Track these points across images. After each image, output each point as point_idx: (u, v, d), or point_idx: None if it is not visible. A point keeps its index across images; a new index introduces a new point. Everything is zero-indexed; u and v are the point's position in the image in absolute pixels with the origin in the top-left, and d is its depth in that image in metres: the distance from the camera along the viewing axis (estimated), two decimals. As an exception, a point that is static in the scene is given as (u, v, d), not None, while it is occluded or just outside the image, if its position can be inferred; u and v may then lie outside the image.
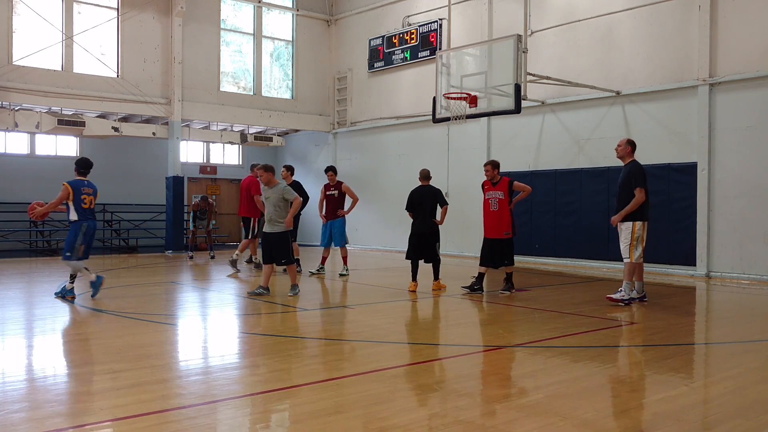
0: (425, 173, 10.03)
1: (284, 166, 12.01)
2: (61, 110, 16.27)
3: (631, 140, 8.81)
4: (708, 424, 3.99)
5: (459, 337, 6.75)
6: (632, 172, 8.48)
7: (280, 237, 8.97)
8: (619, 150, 8.75)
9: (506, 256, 9.60)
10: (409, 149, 18.24)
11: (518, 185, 9.63)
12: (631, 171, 8.50)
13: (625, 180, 8.52)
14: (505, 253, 9.59)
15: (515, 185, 9.56)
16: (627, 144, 8.70)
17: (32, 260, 15.19)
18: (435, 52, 15.39)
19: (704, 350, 6.42)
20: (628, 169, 8.56)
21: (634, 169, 8.52)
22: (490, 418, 4.06)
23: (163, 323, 7.22)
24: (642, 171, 8.53)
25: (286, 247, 9.03)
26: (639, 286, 8.74)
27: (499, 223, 9.47)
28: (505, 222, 9.48)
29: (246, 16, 19.47)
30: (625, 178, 8.53)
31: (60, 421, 3.86)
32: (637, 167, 8.54)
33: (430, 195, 9.83)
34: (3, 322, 7.22)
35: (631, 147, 8.70)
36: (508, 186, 9.49)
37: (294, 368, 5.22)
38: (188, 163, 20.64)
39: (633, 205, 8.34)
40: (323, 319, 8.03)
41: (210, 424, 3.91)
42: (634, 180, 8.41)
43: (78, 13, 16.19)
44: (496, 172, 9.61)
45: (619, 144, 8.79)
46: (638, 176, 8.43)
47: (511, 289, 9.66)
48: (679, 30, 12.70)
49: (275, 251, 9.04)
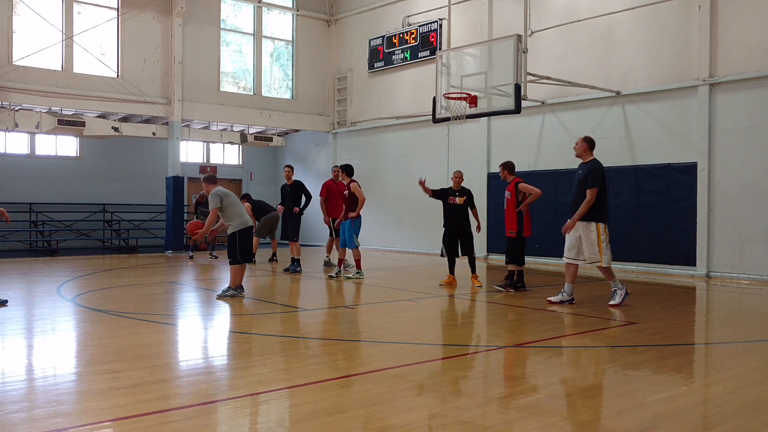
0: (460, 174, 10.67)
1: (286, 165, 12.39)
2: (61, 110, 16.27)
3: (588, 138, 8.54)
4: (708, 424, 3.99)
5: (459, 337, 6.75)
6: (591, 171, 8.19)
7: (229, 237, 8.97)
8: (576, 148, 8.51)
9: (507, 254, 9.92)
10: (409, 149, 18.24)
11: (524, 187, 9.68)
12: (591, 170, 8.20)
13: (582, 179, 8.24)
14: (507, 251, 9.91)
15: (520, 186, 9.68)
16: (584, 142, 8.43)
17: (32, 260, 15.18)
18: (435, 52, 15.38)
19: (704, 350, 6.42)
20: (587, 168, 8.26)
21: (593, 168, 8.22)
22: (490, 418, 4.06)
23: (163, 323, 7.22)
24: (601, 171, 8.23)
25: (233, 247, 8.90)
26: (569, 288, 8.52)
27: (507, 221, 9.83)
28: (510, 221, 9.72)
29: (246, 16, 19.47)
30: (582, 178, 8.24)
31: (60, 421, 3.86)
32: (596, 167, 8.25)
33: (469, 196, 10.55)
34: (3, 322, 7.22)
35: (588, 145, 8.42)
36: (514, 187, 9.71)
37: (294, 368, 5.22)
38: (188, 163, 20.64)
39: (584, 207, 8.08)
40: (323, 319, 8.03)
41: (210, 424, 3.91)
42: (590, 180, 8.12)
43: (78, 13, 16.19)
44: (507, 173, 9.89)
45: (576, 142, 8.55)
46: (595, 176, 8.14)
47: (507, 288, 9.70)
48: (679, 30, 12.70)
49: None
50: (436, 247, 11.45)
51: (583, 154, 8.44)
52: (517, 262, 9.80)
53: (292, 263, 12.39)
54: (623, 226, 13.40)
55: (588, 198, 8.07)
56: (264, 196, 23.01)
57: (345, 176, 11.64)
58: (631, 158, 13.38)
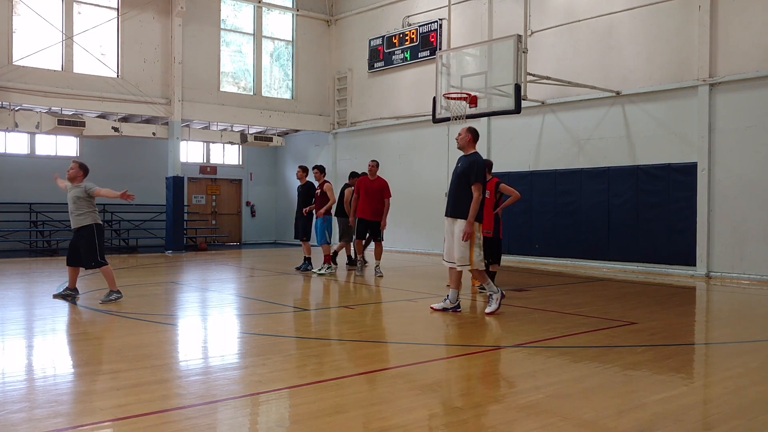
0: None
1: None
2: (61, 110, 16.28)
3: (473, 128, 7.79)
4: (708, 424, 3.99)
5: (459, 337, 6.75)
6: (472, 164, 7.51)
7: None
8: (459, 139, 7.74)
9: (490, 255, 9.58)
10: (409, 149, 18.24)
11: (505, 188, 9.55)
12: (472, 163, 7.52)
13: (461, 173, 7.55)
14: (489, 252, 9.54)
15: (501, 187, 9.53)
16: (468, 132, 7.70)
17: (32, 260, 15.18)
18: (435, 52, 15.38)
19: (704, 350, 6.42)
20: (468, 161, 7.56)
21: (475, 162, 7.53)
22: (490, 418, 4.06)
23: (163, 323, 7.22)
24: (483, 165, 7.59)
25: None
26: (453, 294, 7.82)
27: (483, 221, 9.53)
28: (488, 220, 9.41)
29: (246, 16, 19.47)
30: (461, 171, 7.57)
31: (60, 421, 3.86)
32: (478, 160, 7.56)
33: None
34: (3, 322, 7.22)
35: (473, 136, 7.70)
36: (494, 187, 9.51)
37: (294, 368, 5.22)
38: (188, 163, 20.65)
39: (474, 205, 7.42)
40: (323, 319, 8.03)
41: (210, 424, 3.91)
42: (474, 174, 7.44)
43: (78, 13, 16.19)
44: (487, 171, 9.68)
45: (460, 133, 7.76)
46: (479, 170, 7.47)
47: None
48: (679, 30, 12.71)
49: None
50: (436, 247, 11.46)
51: (466, 146, 7.71)
52: (496, 262, 9.71)
53: (304, 262, 12.56)
54: (623, 226, 13.41)
55: (476, 195, 7.42)
56: (264, 195, 23.12)
57: (320, 175, 12.10)
58: (631, 158, 13.38)
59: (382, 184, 11.81)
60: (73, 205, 8.36)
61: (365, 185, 11.75)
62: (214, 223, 22.10)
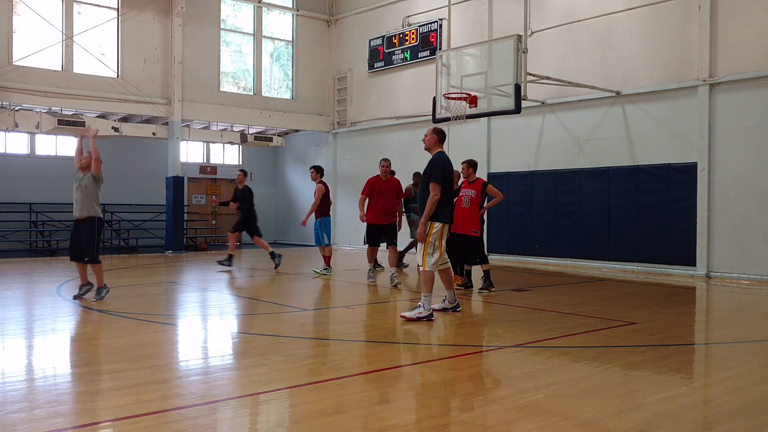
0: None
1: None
2: (61, 110, 16.27)
3: (439, 129, 7.52)
4: (708, 424, 3.99)
5: (459, 337, 6.75)
6: (431, 164, 7.27)
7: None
8: (425, 141, 7.51)
9: (478, 254, 9.79)
10: (409, 149, 18.21)
11: (492, 189, 9.67)
12: (430, 163, 7.29)
13: (424, 173, 7.38)
14: (477, 252, 9.78)
15: (488, 188, 9.65)
16: (434, 134, 7.45)
17: (32, 260, 15.18)
18: (435, 52, 15.39)
19: (704, 350, 6.42)
20: (430, 161, 7.37)
21: (434, 161, 7.28)
22: (490, 418, 4.06)
23: (163, 323, 7.22)
24: (442, 164, 7.25)
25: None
26: (450, 295, 7.73)
27: (468, 219, 9.55)
28: (475, 220, 9.60)
29: (246, 16, 19.47)
30: (424, 172, 7.38)
31: (60, 421, 3.86)
32: (438, 159, 7.30)
33: None
34: (3, 322, 7.22)
35: (438, 137, 7.44)
36: (481, 187, 9.63)
37: (294, 368, 5.22)
38: (188, 163, 20.65)
39: (429, 204, 7.13)
40: (323, 319, 8.03)
41: (210, 424, 3.91)
42: (431, 173, 7.19)
43: (78, 13, 16.19)
44: (472, 170, 9.76)
45: (426, 134, 7.53)
46: (436, 169, 7.19)
47: (490, 288, 9.68)
48: (679, 30, 12.71)
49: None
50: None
51: (432, 146, 7.46)
52: (485, 261, 9.78)
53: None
54: (623, 226, 13.41)
55: (432, 194, 7.12)
56: (264, 196, 23.10)
57: (316, 175, 12.08)
58: (631, 158, 13.38)
59: (396, 185, 10.85)
60: (80, 193, 8.52)
61: (378, 186, 10.65)
62: (214, 223, 22.10)
